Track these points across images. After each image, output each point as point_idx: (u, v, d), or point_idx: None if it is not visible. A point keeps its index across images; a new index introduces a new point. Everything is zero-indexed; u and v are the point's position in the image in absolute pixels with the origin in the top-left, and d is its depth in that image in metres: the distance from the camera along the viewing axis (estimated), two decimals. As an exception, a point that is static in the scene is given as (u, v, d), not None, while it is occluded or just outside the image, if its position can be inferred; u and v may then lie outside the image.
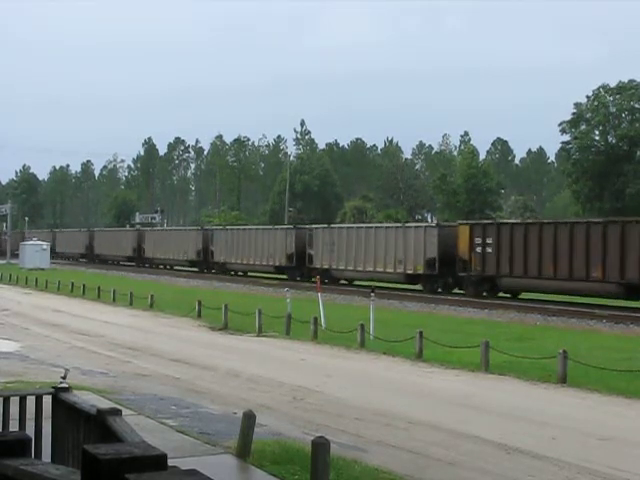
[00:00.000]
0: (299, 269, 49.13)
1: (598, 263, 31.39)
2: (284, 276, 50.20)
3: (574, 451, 10.67)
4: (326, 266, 45.45)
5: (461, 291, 38.14)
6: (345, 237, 44.68)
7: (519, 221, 42.27)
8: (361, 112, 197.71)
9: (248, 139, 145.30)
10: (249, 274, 55.30)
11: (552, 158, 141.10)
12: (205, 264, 59.53)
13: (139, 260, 69.94)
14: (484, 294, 36.41)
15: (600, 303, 32.43)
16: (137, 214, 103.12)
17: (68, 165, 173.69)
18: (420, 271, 39.63)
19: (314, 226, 51.46)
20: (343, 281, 46.22)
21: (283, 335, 23.41)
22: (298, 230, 50.88)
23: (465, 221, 44.37)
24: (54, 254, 77.15)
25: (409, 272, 40.33)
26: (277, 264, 51.07)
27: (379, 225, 49.06)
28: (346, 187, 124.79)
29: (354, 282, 45.43)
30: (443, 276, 39.04)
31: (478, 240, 36.35)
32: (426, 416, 12.75)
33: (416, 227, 42.37)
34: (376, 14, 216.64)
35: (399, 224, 47.72)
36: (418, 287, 41.22)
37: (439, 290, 39.13)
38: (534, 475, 9.61)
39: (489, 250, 35.89)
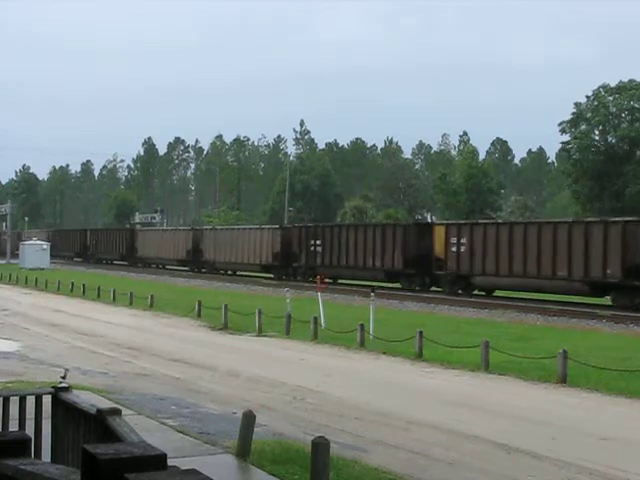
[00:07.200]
0: (196, 261, 60.40)
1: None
2: (186, 268, 61.67)
3: (574, 451, 10.65)
4: (213, 259, 57.83)
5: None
6: (227, 236, 56.62)
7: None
8: (361, 112, 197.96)
9: (248, 139, 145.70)
10: (166, 267, 65.99)
11: (552, 158, 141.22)
12: (132, 258, 70.57)
13: (85, 256, 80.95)
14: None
15: (600, 303, 32.43)
16: (137, 214, 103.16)
17: (68, 165, 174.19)
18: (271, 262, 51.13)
19: (205, 227, 65.57)
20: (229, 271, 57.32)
21: (283, 335, 23.40)
22: (195, 231, 63.59)
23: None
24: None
25: (263, 262, 51.68)
26: (180, 258, 63.24)
27: (244, 227, 61.22)
28: (346, 187, 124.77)
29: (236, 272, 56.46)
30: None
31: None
32: (426, 416, 12.75)
33: (268, 228, 54.42)
34: (375, 13, 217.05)
35: (256, 226, 62.44)
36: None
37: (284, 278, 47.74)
38: (534, 475, 9.60)
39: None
